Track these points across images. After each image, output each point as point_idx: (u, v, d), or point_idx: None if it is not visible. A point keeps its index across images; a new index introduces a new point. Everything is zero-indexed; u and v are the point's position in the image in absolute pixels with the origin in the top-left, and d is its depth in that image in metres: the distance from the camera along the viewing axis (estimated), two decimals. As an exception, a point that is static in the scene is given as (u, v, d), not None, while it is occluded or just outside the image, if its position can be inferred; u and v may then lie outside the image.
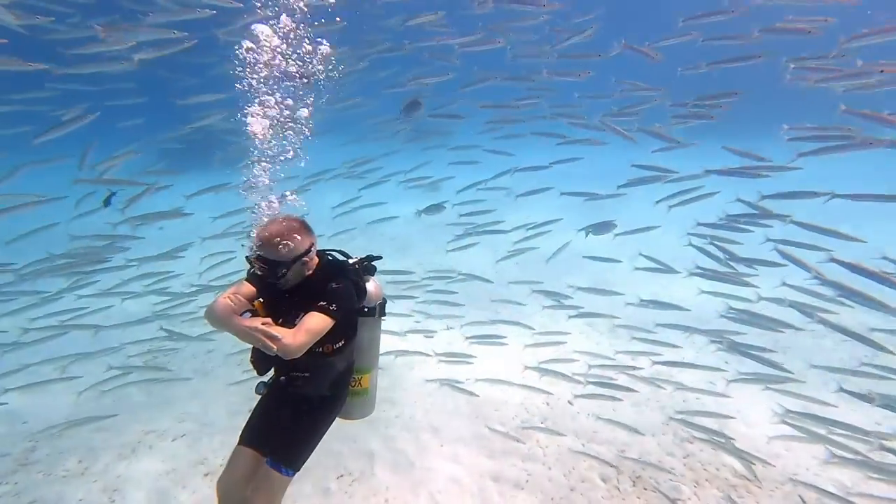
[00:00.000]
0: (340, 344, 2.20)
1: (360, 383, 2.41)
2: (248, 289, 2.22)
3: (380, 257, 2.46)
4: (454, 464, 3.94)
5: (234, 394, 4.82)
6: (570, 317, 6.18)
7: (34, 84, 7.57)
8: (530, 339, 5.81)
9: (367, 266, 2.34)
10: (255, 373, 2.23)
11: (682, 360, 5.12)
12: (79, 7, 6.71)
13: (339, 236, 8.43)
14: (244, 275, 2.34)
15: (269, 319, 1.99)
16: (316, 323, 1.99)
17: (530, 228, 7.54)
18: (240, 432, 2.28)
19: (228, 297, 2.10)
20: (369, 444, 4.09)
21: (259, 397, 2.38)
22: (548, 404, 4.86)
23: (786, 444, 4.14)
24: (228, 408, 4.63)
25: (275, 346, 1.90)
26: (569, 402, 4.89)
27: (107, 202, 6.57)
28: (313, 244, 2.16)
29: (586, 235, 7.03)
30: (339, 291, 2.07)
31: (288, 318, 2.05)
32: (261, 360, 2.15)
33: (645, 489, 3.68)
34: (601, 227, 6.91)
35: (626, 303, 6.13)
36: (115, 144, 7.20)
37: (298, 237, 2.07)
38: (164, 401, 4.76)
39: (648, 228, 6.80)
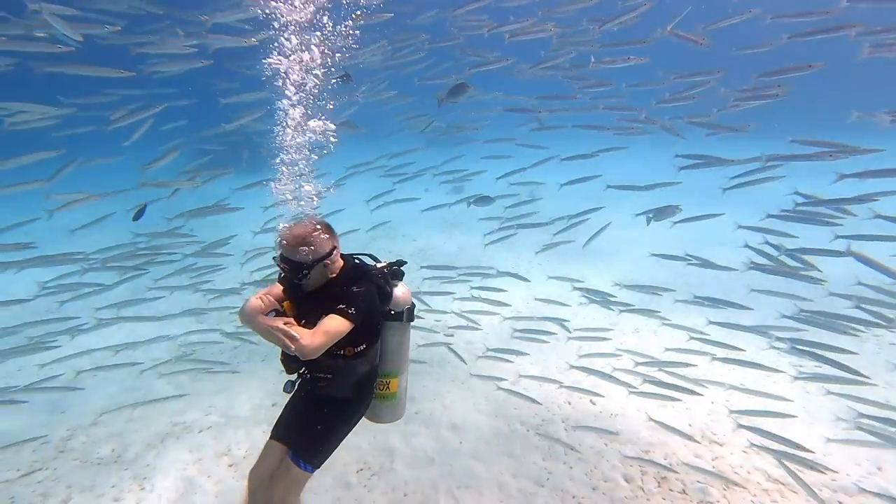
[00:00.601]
0: (362, 348, 2.21)
1: (388, 387, 2.40)
2: (279, 289, 2.29)
3: (405, 262, 2.45)
4: (474, 460, 3.91)
5: (259, 388, 4.93)
6: (620, 311, 5.82)
7: (92, 89, 7.98)
8: (568, 336, 5.69)
9: (394, 271, 2.34)
10: (283, 371, 2.28)
11: (734, 358, 4.73)
12: (123, 16, 7.11)
13: (377, 229, 8.54)
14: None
15: (291, 320, 2.04)
16: (333, 325, 2.02)
17: (573, 217, 7.36)
18: (263, 426, 2.34)
19: (259, 297, 2.16)
20: (389, 440, 4.10)
21: (288, 395, 2.44)
22: (569, 403, 4.77)
23: (832, 448, 3.93)
24: (252, 402, 4.73)
25: (293, 346, 1.95)
26: (591, 402, 4.78)
27: (139, 214, 6.66)
28: (335, 247, 2.18)
29: (648, 222, 6.61)
30: (359, 295, 2.08)
31: (311, 319, 2.08)
32: (289, 359, 2.20)
33: (671, 490, 3.56)
34: (663, 212, 6.40)
35: (676, 300, 5.87)
36: (159, 145, 7.68)
37: (320, 240, 2.10)
38: (192, 394, 4.90)
39: (712, 216, 6.29)
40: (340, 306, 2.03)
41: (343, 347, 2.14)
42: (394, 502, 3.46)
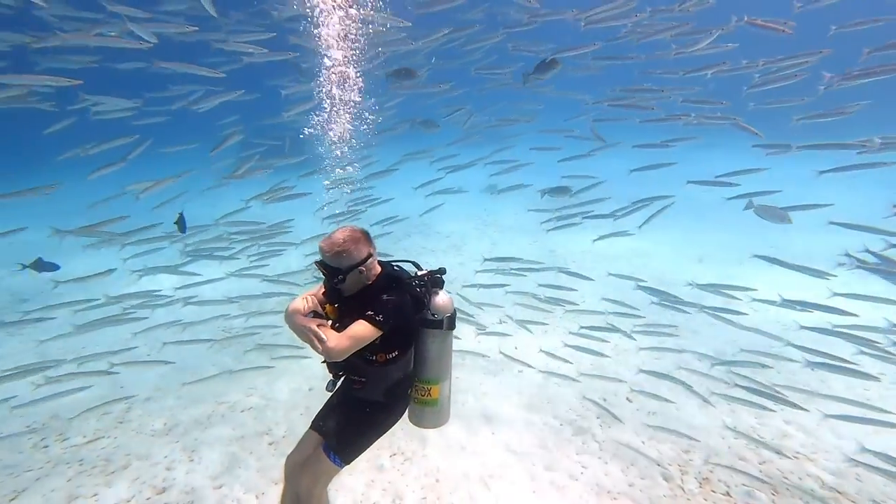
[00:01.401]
0: (394, 355, 2.23)
1: (429, 393, 2.40)
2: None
3: (445, 270, 2.45)
4: (506, 451, 3.89)
5: (297, 373, 5.11)
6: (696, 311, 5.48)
7: (158, 84, 8.57)
8: (626, 334, 5.43)
9: (434, 279, 2.35)
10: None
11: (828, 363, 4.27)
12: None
13: (409, 225, 8.67)
14: None
15: (324, 322, 2.13)
16: (360, 331, 2.06)
17: (638, 203, 7.16)
18: (300, 409, 2.40)
19: (304, 297, 2.25)
20: (421, 428, 4.14)
21: (330, 393, 2.53)
22: (605, 400, 4.66)
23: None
24: (290, 386, 4.91)
25: (320, 347, 2.03)
26: (627, 398, 4.66)
27: (181, 226, 6.84)
28: (371, 255, 2.22)
29: (747, 207, 6.13)
30: (389, 304, 2.12)
31: (347, 323, 2.13)
32: (333, 362, 2.30)
33: (713, 491, 3.41)
34: (772, 213, 5.94)
35: (753, 298, 5.47)
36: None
37: (355, 247, 2.15)
38: (234, 376, 5.15)
39: (816, 206, 5.77)
40: (369, 313, 2.09)
41: (375, 353, 2.19)
42: (426, 487, 3.50)
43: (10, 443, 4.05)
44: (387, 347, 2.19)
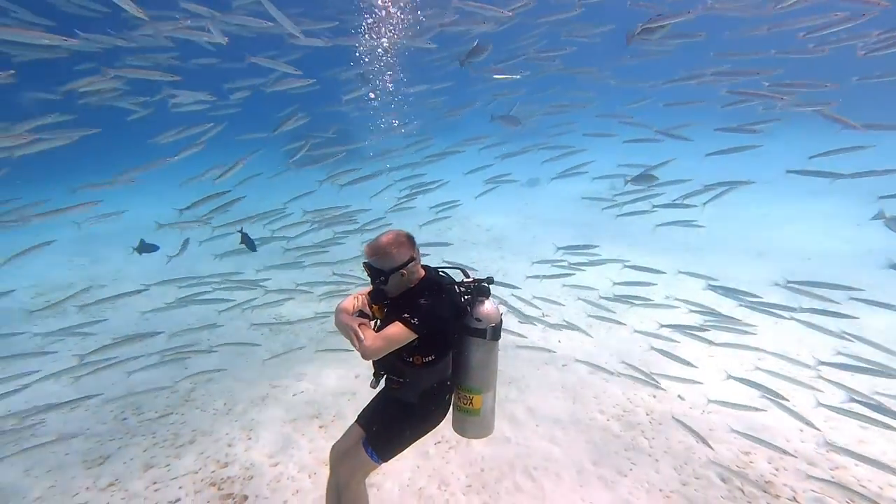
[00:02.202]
0: (430, 359, 2.24)
1: (471, 402, 2.38)
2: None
3: (493, 280, 2.43)
4: (551, 444, 3.85)
5: (344, 361, 5.30)
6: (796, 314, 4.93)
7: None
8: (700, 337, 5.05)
9: (480, 287, 2.33)
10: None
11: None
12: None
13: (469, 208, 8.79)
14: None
15: (366, 321, 2.20)
16: (394, 332, 2.10)
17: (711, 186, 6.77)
18: (347, 395, 2.44)
19: (355, 296, 2.34)
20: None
21: (375, 390, 2.59)
22: (654, 397, 4.49)
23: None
24: (337, 373, 5.10)
25: (357, 345, 2.09)
26: (679, 395, 4.46)
27: (249, 244, 6.99)
28: (413, 258, 2.25)
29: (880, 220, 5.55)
30: (424, 307, 2.14)
31: (387, 324, 2.19)
32: (376, 360, 2.38)
33: (778, 496, 3.20)
34: None
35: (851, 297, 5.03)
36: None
37: (397, 250, 2.19)
38: (286, 361, 5.42)
39: None
40: (405, 315, 2.12)
41: (413, 355, 2.22)
42: (471, 476, 3.53)
43: (95, 413, 4.49)
44: (424, 351, 2.21)
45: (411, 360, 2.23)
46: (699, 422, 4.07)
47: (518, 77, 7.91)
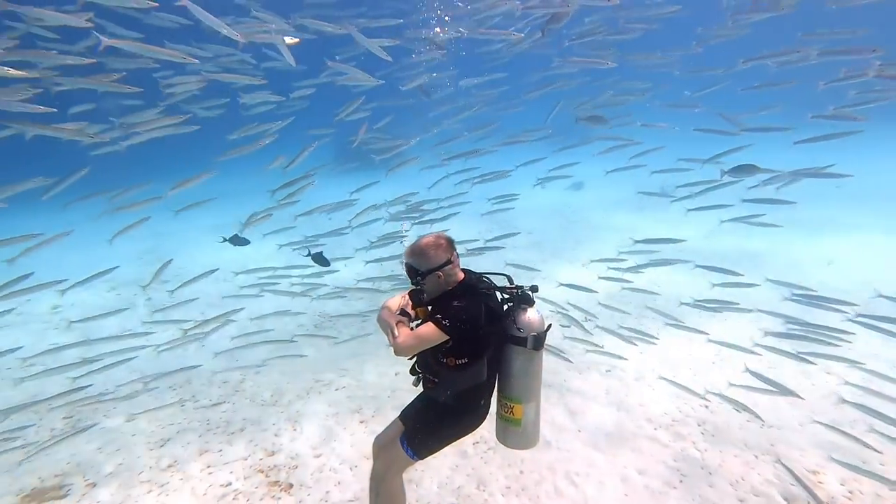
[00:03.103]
0: (463, 361, 2.24)
1: (512, 411, 2.36)
2: None
3: (537, 288, 2.38)
4: (593, 449, 3.72)
5: (384, 357, 5.40)
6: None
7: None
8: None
9: (523, 295, 2.31)
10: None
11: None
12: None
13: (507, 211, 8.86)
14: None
15: (405, 320, 2.25)
16: (426, 332, 2.15)
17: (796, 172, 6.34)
18: (388, 391, 2.47)
19: (403, 295, 2.40)
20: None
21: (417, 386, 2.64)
22: (707, 407, 4.24)
23: None
24: (378, 369, 5.20)
25: (391, 341, 2.15)
26: (735, 409, 4.17)
27: (321, 261, 7.09)
28: (450, 261, 2.27)
29: None
30: (455, 310, 2.16)
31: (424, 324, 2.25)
32: (416, 359, 2.44)
33: (851, 521, 2.91)
34: None
35: None
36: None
37: (435, 252, 2.24)
38: (329, 357, 5.59)
39: None
40: (437, 316, 2.16)
41: (446, 357, 2.23)
42: (510, 477, 3.48)
43: (156, 397, 4.83)
44: (456, 353, 2.22)
45: (445, 361, 2.25)
46: (757, 436, 3.79)
47: (611, 65, 7.52)
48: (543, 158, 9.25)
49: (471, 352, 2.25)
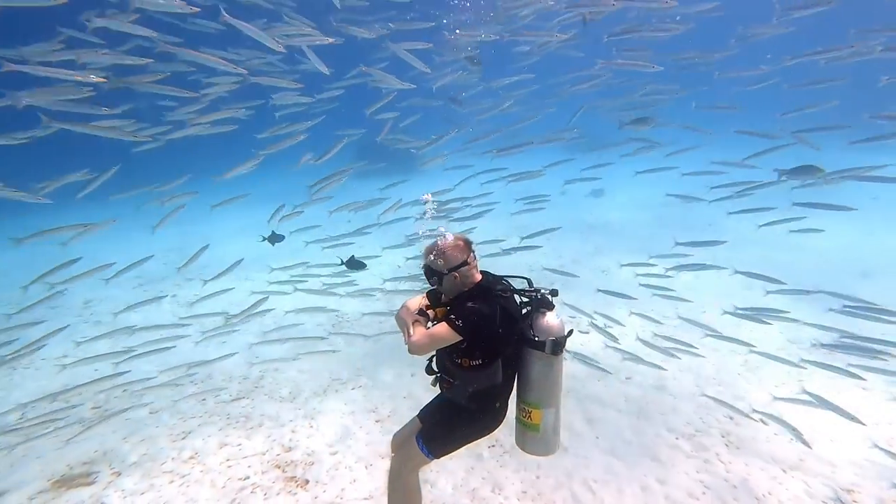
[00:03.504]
0: (478, 363, 2.25)
1: (529, 416, 2.33)
2: None
3: (556, 292, 2.37)
4: (612, 457, 3.64)
5: (400, 360, 5.41)
6: None
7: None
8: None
9: (543, 299, 2.29)
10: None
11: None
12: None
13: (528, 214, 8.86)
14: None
15: (422, 319, 2.29)
16: (438, 331, 2.17)
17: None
18: (403, 392, 2.48)
19: (423, 295, 2.44)
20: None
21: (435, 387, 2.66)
22: (731, 419, 4.10)
23: None
24: (394, 370, 5.22)
25: (406, 339, 2.20)
26: (762, 420, 4.03)
27: (356, 266, 7.16)
28: (467, 262, 2.28)
29: None
30: (469, 310, 2.17)
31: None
32: (434, 358, 2.46)
33: (888, 542, 2.77)
34: None
35: None
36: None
37: (451, 253, 2.27)
38: (345, 356, 5.64)
39: None
40: (451, 316, 2.18)
41: (461, 358, 2.24)
42: (526, 482, 3.43)
43: (179, 392, 4.96)
44: (471, 354, 2.23)
45: (460, 361, 2.26)
46: (785, 450, 3.65)
47: (656, 68, 7.37)
48: (572, 160, 9.18)
49: (485, 353, 2.24)
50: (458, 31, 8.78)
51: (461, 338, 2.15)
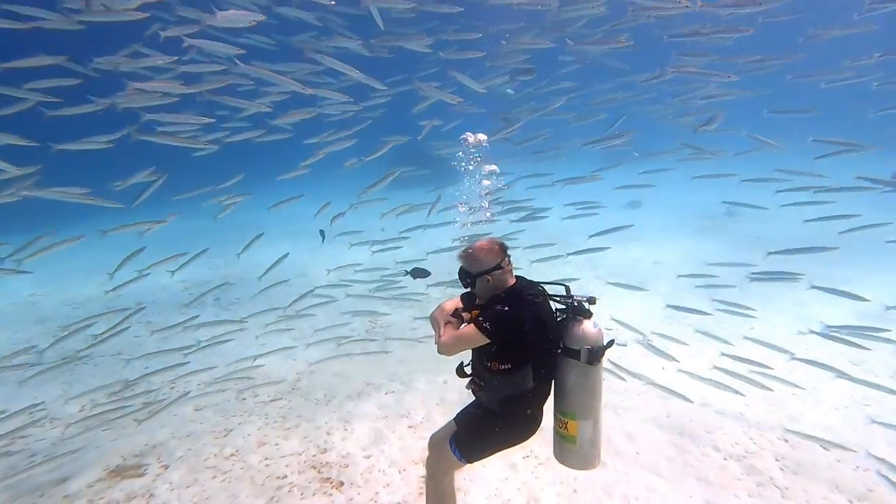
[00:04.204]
0: (506, 367, 2.22)
1: (566, 427, 2.27)
2: None
3: (595, 299, 2.30)
4: (654, 475, 3.48)
5: (433, 367, 5.42)
6: None
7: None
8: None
9: (579, 306, 2.25)
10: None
11: None
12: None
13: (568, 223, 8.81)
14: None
15: (454, 321, 2.31)
16: (466, 332, 2.19)
17: None
18: (436, 398, 2.49)
19: (460, 297, 2.45)
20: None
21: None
22: (786, 441, 3.83)
23: None
24: (427, 376, 5.23)
25: (436, 339, 2.25)
26: (823, 447, 3.73)
27: (420, 274, 7.21)
28: (499, 266, 2.27)
29: None
30: (496, 313, 2.17)
31: None
32: (470, 363, 2.46)
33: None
34: None
35: None
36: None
37: (484, 256, 2.27)
38: (379, 361, 5.70)
39: None
40: (479, 318, 2.19)
41: (491, 361, 2.23)
42: (562, 496, 3.33)
43: (222, 394, 5.16)
44: (500, 357, 2.21)
45: (489, 365, 2.25)
46: (851, 479, 3.36)
47: (732, 78, 7.11)
48: (619, 165, 9.07)
49: (514, 358, 2.22)
50: (504, 41, 8.83)
51: (488, 340, 2.15)
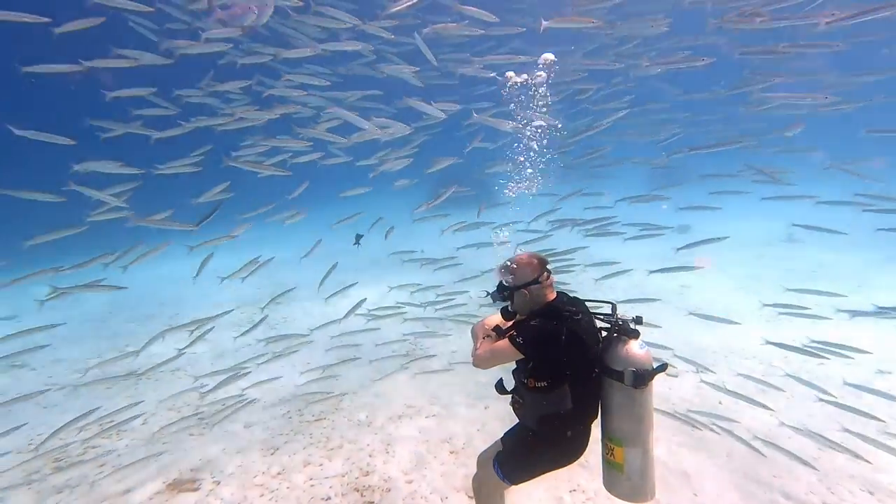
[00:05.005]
0: (543, 384, 2.17)
1: (612, 454, 2.19)
2: None
3: (641, 320, 2.23)
4: (716, 521, 3.21)
5: (473, 390, 5.35)
6: None
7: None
8: None
9: (624, 326, 2.18)
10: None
11: None
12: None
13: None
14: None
15: (493, 334, 2.31)
16: (500, 346, 2.18)
17: None
18: (477, 424, 2.50)
19: (500, 312, 2.47)
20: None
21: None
22: (871, 494, 3.43)
23: None
24: (467, 399, 5.17)
25: (472, 351, 2.27)
26: (911, 494, 3.33)
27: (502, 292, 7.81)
28: (537, 280, 2.25)
29: None
30: (530, 328, 2.15)
31: None
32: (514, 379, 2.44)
33: None
34: None
35: None
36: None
37: (522, 270, 2.27)
38: (420, 384, 5.71)
39: None
40: (513, 332, 2.17)
41: (528, 378, 2.20)
42: (612, 537, 3.14)
43: (269, 411, 5.34)
44: (537, 375, 2.18)
45: (526, 381, 2.23)
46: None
47: (827, 99, 6.82)
48: (680, 185, 8.87)
49: (550, 375, 2.16)
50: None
51: (522, 355, 2.13)
